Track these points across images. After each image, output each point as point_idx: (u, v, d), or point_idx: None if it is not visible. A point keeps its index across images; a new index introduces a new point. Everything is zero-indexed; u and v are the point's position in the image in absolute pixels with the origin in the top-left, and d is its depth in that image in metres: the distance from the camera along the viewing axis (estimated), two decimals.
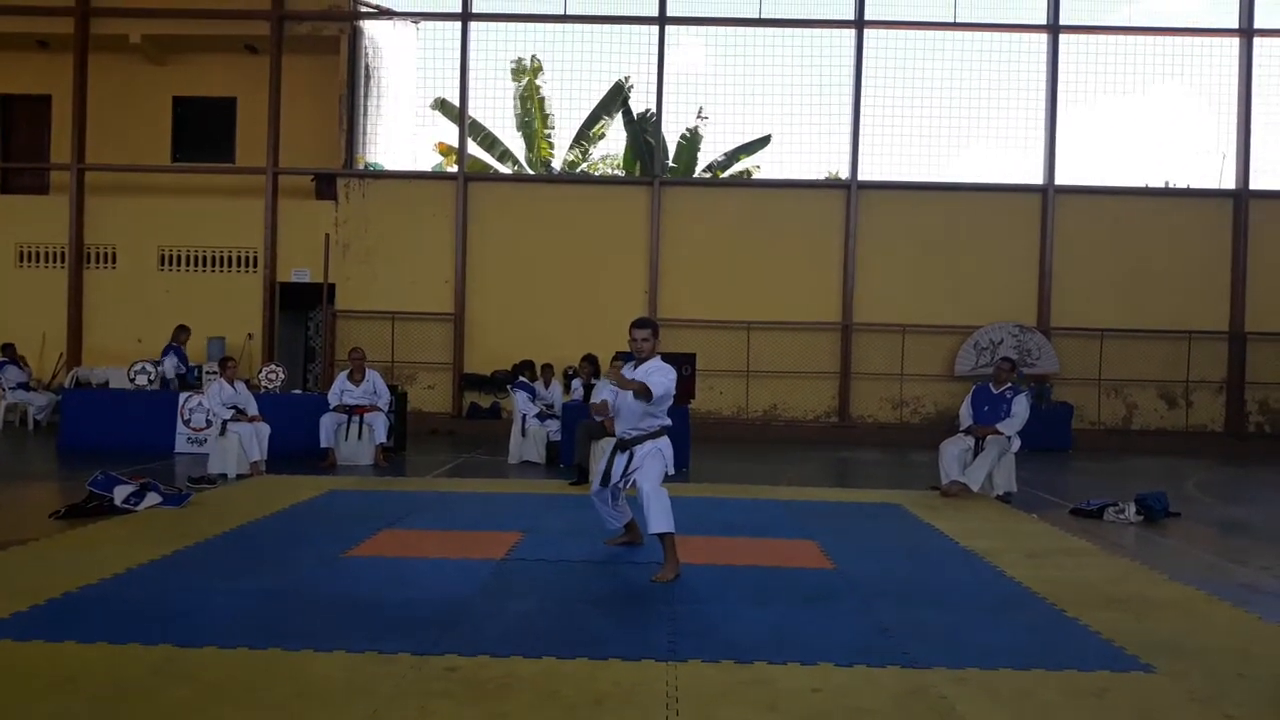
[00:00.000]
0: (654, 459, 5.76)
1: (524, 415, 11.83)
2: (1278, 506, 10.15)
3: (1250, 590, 5.78)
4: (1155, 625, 4.84)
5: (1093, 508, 8.48)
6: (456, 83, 16.77)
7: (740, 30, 17.24)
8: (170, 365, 13.63)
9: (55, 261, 16.80)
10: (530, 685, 3.80)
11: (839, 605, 5.18)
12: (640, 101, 18.44)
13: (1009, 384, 9.55)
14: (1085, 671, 4.09)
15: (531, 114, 18.91)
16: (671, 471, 5.89)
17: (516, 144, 19.10)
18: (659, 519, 5.55)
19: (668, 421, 5.91)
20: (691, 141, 18.69)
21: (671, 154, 18.36)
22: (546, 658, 4.11)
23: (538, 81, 18.70)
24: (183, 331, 14.60)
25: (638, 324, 5.97)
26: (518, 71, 18.64)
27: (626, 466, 5.82)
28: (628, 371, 5.90)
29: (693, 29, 17.48)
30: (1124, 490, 9.20)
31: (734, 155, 18.78)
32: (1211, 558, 6.90)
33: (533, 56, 18.45)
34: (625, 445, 5.86)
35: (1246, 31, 16.41)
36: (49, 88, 17.26)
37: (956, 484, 9.24)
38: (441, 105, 18.06)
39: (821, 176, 17.29)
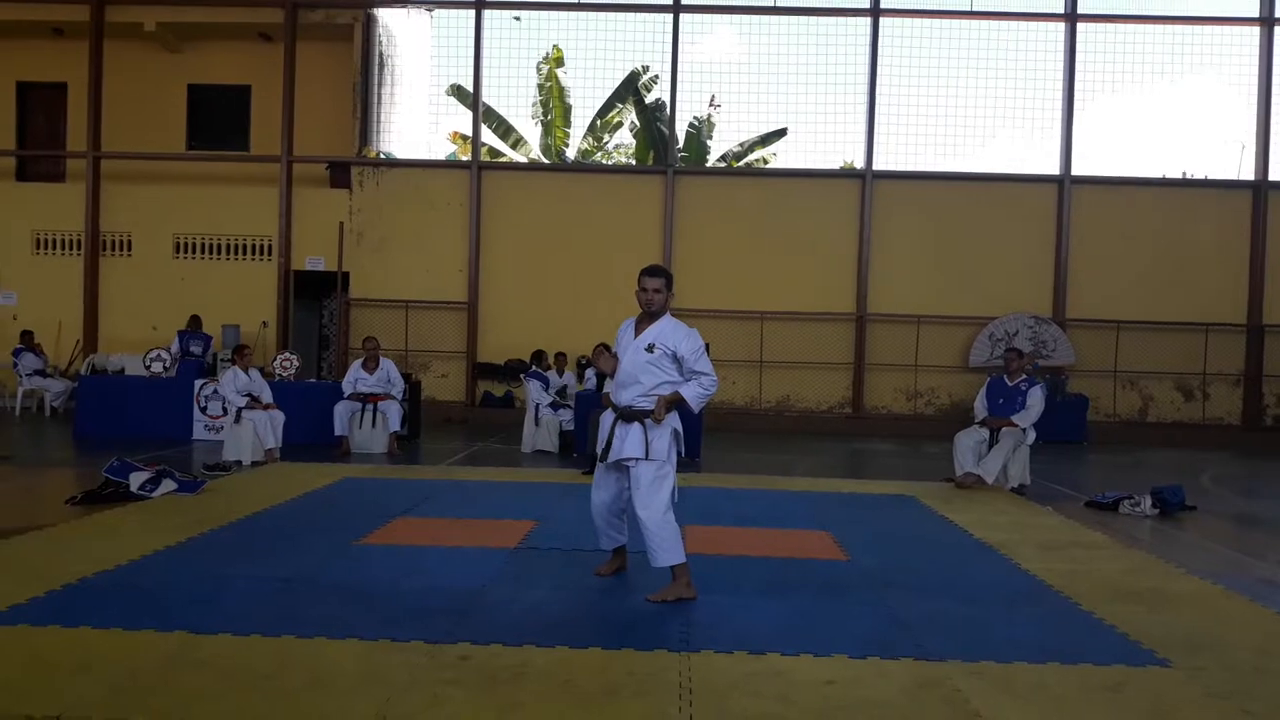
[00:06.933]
0: (662, 482, 4.92)
1: (537, 404, 11.84)
2: None
3: (1267, 585, 5.73)
4: (1171, 619, 4.80)
5: (1108, 500, 8.43)
6: (470, 71, 16.73)
7: (755, 19, 17.16)
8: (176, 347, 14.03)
9: (71, 249, 16.88)
10: (543, 674, 3.80)
11: (852, 597, 5.17)
12: (655, 91, 18.40)
13: (1024, 375, 9.52)
14: (1101, 665, 4.07)
15: (550, 103, 18.87)
16: (681, 452, 5.13)
17: (531, 132, 19.08)
18: (667, 552, 4.90)
19: (678, 378, 4.98)
20: (705, 131, 18.61)
21: (683, 143, 18.27)
22: (560, 647, 4.11)
23: (557, 71, 18.66)
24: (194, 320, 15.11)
25: (649, 271, 5.01)
26: (543, 62, 18.61)
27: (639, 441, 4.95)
28: (628, 328, 5.09)
29: (707, 17, 17.37)
30: (1139, 483, 9.14)
31: (749, 146, 18.71)
32: (1228, 552, 6.85)
33: (554, 46, 18.41)
34: (630, 417, 4.99)
35: (1267, 20, 16.21)
36: (65, 75, 17.32)
37: (971, 476, 9.21)
38: (457, 91, 18.03)
39: (836, 166, 17.20)
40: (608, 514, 5.26)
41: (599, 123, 18.96)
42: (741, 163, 18.80)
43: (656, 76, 18.09)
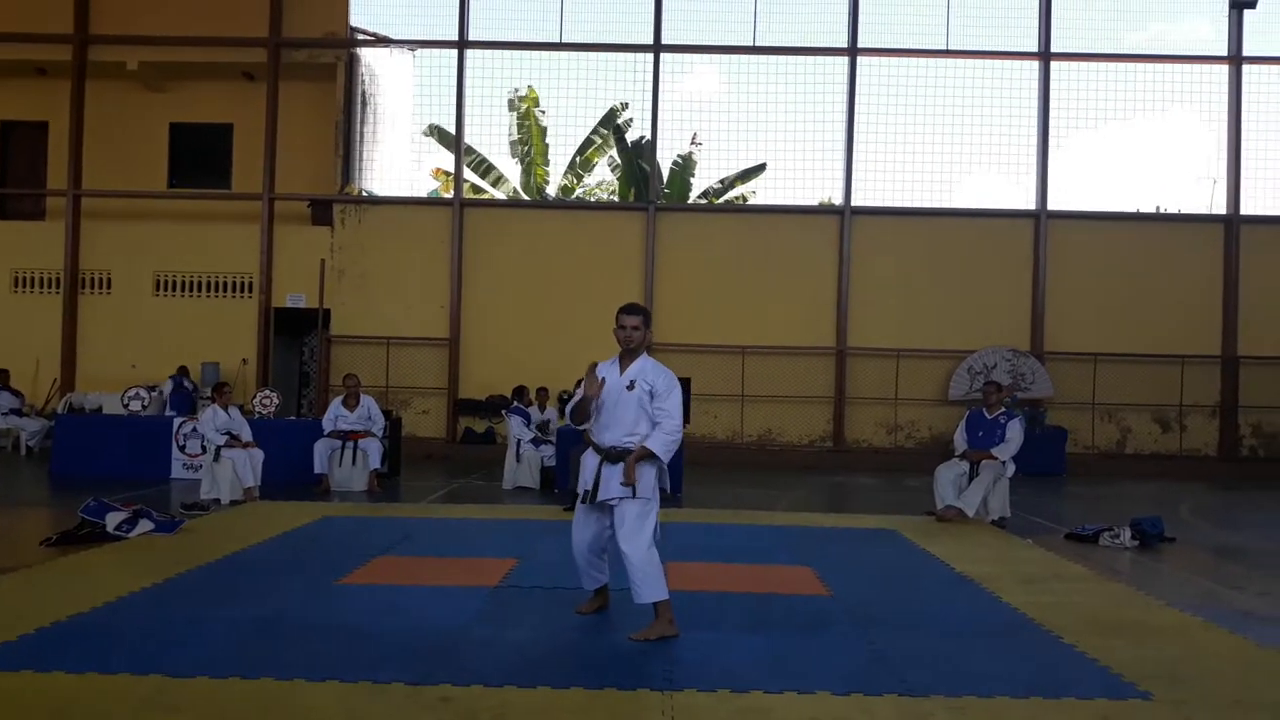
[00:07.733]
0: (646, 517, 4.94)
1: (519, 440, 11.82)
2: (1272, 531, 10.15)
3: (1246, 616, 5.76)
4: (1152, 652, 4.82)
5: (1088, 533, 8.47)
6: (452, 109, 16.83)
7: (735, 58, 17.37)
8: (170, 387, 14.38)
9: (50, 287, 16.78)
10: (525, 715, 3.77)
11: (835, 632, 5.16)
12: (636, 128, 18.57)
13: (1003, 409, 9.57)
14: (1083, 699, 4.08)
15: (529, 141, 19.00)
16: (667, 489, 5.19)
17: (512, 169, 19.18)
18: (651, 588, 4.90)
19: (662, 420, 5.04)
20: (685, 167, 18.77)
21: (665, 180, 18.43)
22: (541, 687, 4.08)
23: (536, 110, 18.79)
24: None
25: (627, 310, 5.10)
26: (516, 101, 18.75)
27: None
28: (609, 369, 5.08)
29: (688, 57, 17.56)
30: (1119, 515, 9.19)
31: (729, 182, 18.87)
32: (1207, 583, 6.89)
33: (529, 86, 18.55)
34: (615, 458, 4.99)
35: (1236, 58, 16.56)
36: (46, 114, 17.30)
37: (952, 509, 9.23)
38: (436, 132, 18.13)
39: (815, 202, 17.37)
40: (589, 553, 5.25)
41: (579, 159, 19.09)
42: (722, 199, 18.95)
43: (627, 104, 18.25)
